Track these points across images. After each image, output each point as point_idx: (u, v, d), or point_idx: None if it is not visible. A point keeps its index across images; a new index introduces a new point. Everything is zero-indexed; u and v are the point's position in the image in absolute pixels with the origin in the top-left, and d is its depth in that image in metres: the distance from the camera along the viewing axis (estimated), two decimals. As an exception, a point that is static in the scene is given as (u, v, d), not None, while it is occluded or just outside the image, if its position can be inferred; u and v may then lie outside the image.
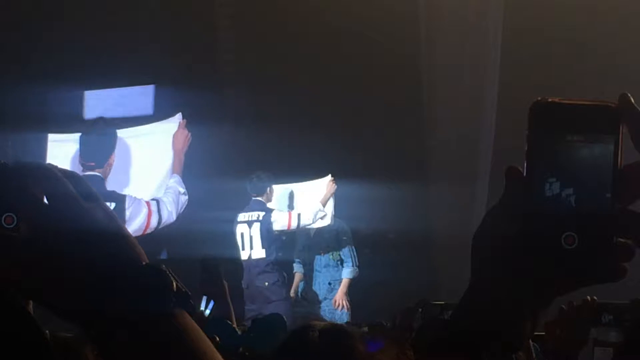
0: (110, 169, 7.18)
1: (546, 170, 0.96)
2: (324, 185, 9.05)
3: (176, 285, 0.96)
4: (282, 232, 8.90)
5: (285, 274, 8.91)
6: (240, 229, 8.84)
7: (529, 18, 9.26)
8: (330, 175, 9.03)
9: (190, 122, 7.67)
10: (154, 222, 7.12)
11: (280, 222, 8.76)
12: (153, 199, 7.25)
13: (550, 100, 0.97)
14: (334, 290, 9.21)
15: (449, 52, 9.46)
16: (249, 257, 8.81)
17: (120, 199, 7.03)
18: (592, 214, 0.94)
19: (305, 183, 9.28)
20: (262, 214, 8.78)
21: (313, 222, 8.88)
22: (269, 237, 8.74)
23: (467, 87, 9.42)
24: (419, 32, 9.64)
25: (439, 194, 9.47)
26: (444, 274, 8.90)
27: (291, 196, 9.32)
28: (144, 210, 7.11)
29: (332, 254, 9.30)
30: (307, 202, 9.08)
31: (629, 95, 0.96)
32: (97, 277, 0.94)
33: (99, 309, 0.94)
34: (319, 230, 9.15)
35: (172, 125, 7.74)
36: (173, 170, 7.48)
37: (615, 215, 0.94)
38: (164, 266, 0.96)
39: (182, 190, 7.35)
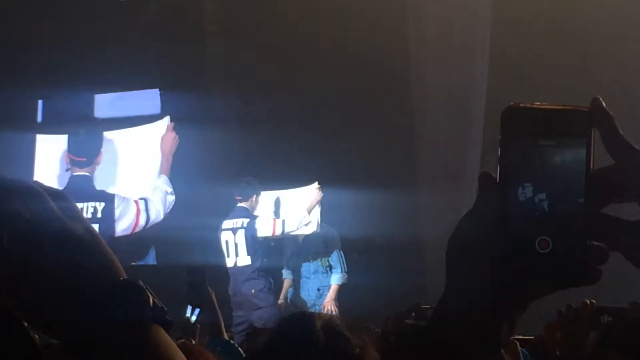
0: (97, 168, 7.26)
1: (519, 174, 0.96)
2: (310, 192, 9.01)
3: (152, 300, 0.98)
4: (268, 238, 8.86)
5: (271, 280, 8.85)
6: (225, 236, 8.78)
7: (519, 18, 9.27)
8: (316, 183, 9.00)
9: (178, 125, 7.72)
10: (142, 221, 7.20)
11: (264, 228, 8.70)
12: (141, 198, 7.31)
13: (522, 105, 0.97)
14: (323, 296, 9.19)
15: (437, 57, 9.46)
16: (235, 264, 8.75)
17: (109, 198, 7.13)
18: (566, 218, 0.95)
19: (292, 190, 9.25)
20: (246, 220, 8.73)
21: (298, 229, 8.82)
22: (254, 243, 8.68)
23: (456, 92, 9.42)
24: (407, 35, 9.65)
25: (427, 198, 9.47)
26: (434, 278, 8.88)
27: (277, 203, 9.28)
28: (133, 210, 7.19)
29: (321, 260, 9.28)
30: (292, 209, 9.04)
31: (600, 98, 0.97)
32: (76, 291, 0.95)
33: (77, 321, 0.95)
34: (308, 237, 9.11)
35: (159, 127, 7.82)
36: (161, 171, 7.55)
37: (588, 219, 0.95)
38: (140, 282, 0.98)
39: (170, 190, 7.43)
